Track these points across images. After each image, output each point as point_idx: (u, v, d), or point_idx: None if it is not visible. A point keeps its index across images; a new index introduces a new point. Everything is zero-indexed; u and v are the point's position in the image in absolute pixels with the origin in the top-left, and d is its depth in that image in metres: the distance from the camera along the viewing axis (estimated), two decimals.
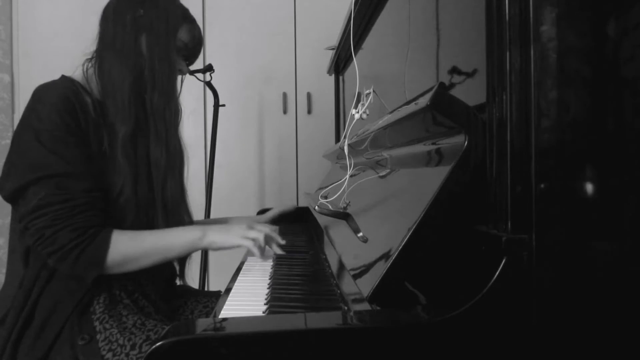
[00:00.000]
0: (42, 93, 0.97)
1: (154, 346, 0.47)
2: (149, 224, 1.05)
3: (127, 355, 0.90)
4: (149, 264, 0.99)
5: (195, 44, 1.12)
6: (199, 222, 1.24)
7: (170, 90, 1.06)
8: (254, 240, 1.03)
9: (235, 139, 2.55)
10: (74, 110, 0.95)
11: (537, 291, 0.51)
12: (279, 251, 1.08)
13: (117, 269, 0.96)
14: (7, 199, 0.96)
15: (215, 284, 2.51)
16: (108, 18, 1.05)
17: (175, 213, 1.08)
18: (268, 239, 1.07)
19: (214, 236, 1.02)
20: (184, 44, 1.09)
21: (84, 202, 0.93)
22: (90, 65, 1.05)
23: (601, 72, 0.53)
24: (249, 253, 1.08)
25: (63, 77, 1.03)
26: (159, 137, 1.05)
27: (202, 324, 0.52)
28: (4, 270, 1.05)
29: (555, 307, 0.51)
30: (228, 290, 0.89)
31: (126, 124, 1.00)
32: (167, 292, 1.16)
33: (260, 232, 1.05)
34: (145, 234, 0.99)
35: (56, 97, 0.95)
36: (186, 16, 1.09)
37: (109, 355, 0.90)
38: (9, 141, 2.54)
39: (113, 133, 0.99)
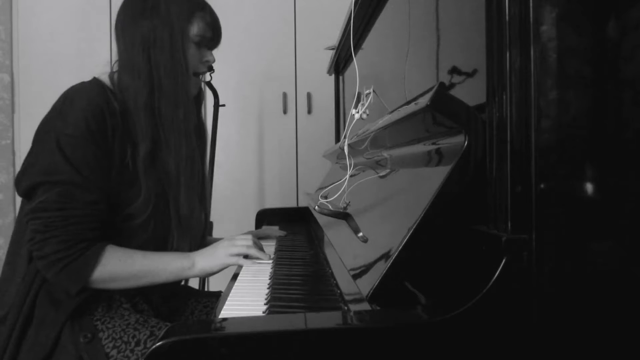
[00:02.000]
0: (73, 96, 0.96)
1: (154, 346, 0.47)
2: (164, 238, 1.04)
3: (132, 351, 0.90)
4: (135, 286, 0.98)
5: (213, 31, 1.08)
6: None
7: (179, 98, 1.02)
8: (239, 255, 1.04)
9: (235, 139, 2.55)
10: (102, 118, 0.94)
11: (537, 291, 0.51)
12: (265, 259, 1.07)
13: (102, 285, 0.95)
14: (22, 195, 0.96)
15: (215, 284, 2.50)
16: (118, 36, 1.04)
17: (190, 226, 1.06)
18: (255, 252, 1.06)
19: (202, 263, 1.01)
20: (201, 36, 1.05)
21: (82, 214, 0.91)
22: (116, 77, 1.04)
23: (601, 72, 0.53)
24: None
25: (95, 80, 1.01)
26: (169, 146, 1.02)
27: (202, 324, 0.52)
28: None
29: (555, 307, 0.51)
30: (228, 289, 0.89)
31: (144, 141, 0.98)
32: (169, 294, 1.16)
33: (244, 247, 1.05)
34: (136, 256, 0.97)
35: (87, 102, 0.94)
36: (193, 8, 1.05)
37: (114, 352, 0.90)
38: (9, 141, 2.54)
39: (136, 148, 0.99)
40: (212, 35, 1.09)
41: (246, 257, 1.07)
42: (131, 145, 0.99)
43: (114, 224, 0.98)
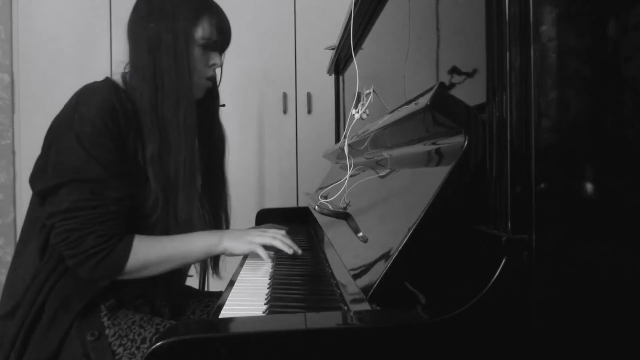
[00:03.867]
0: (86, 95, 0.97)
1: (154, 346, 0.47)
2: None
3: (137, 348, 0.90)
4: (167, 270, 1.00)
5: (220, 33, 1.07)
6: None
7: (180, 99, 1.02)
8: (264, 244, 1.05)
9: (235, 139, 2.54)
10: (116, 116, 0.95)
11: (537, 291, 0.51)
12: (290, 252, 1.08)
13: (136, 274, 0.97)
14: (38, 194, 0.97)
15: (215, 284, 2.50)
16: (129, 37, 1.05)
17: (188, 229, 1.05)
18: (281, 245, 1.07)
19: (228, 242, 1.03)
20: (207, 39, 1.05)
21: (114, 210, 0.94)
22: (128, 76, 1.05)
23: (601, 72, 0.53)
24: (255, 255, 1.08)
25: (107, 79, 1.03)
26: (169, 147, 1.02)
27: (202, 324, 0.52)
28: (4, 271, 1.04)
29: (555, 307, 0.51)
30: (228, 289, 0.89)
31: (151, 142, 0.99)
32: (173, 298, 1.16)
33: (270, 238, 1.06)
34: (164, 240, 0.99)
35: (101, 101, 0.95)
36: (200, 10, 1.04)
37: (120, 349, 0.90)
38: (9, 141, 2.54)
39: (145, 148, 1.00)
40: (219, 37, 1.08)
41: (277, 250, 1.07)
42: (142, 145, 1.00)
43: (132, 221, 0.99)
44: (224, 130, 1.25)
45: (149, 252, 0.96)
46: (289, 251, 1.07)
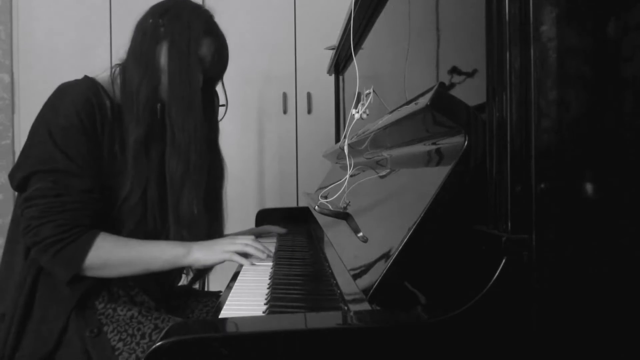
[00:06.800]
0: (64, 90, 0.99)
1: (153, 346, 0.47)
2: (156, 233, 1.04)
3: (137, 344, 0.90)
4: (128, 274, 0.98)
5: (214, 61, 1.09)
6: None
7: (191, 102, 1.03)
8: (236, 252, 1.03)
9: (235, 139, 2.55)
10: (92, 110, 0.96)
11: (537, 291, 0.51)
12: (264, 257, 1.06)
13: (95, 272, 0.95)
14: (15, 188, 0.98)
15: (215, 284, 2.50)
16: (137, 27, 1.06)
17: (191, 228, 1.05)
18: (254, 251, 1.06)
19: (197, 254, 1.01)
20: (201, 59, 1.06)
21: (78, 200, 0.93)
22: (118, 70, 1.05)
23: (601, 72, 0.53)
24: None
25: (86, 77, 1.03)
26: (176, 148, 1.02)
27: (202, 324, 0.52)
28: None
29: (555, 308, 0.51)
30: (228, 289, 0.89)
31: (138, 128, 0.99)
32: (168, 290, 1.16)
33: (242, 245, 1.05)
34: (131, 243, 0.98)
35: (77, 95, 0.96)
36: (207, 30, 1.07)
37: (120, 344, 0.90)
38: (9, 141, 2.54)
39: (126, 137, 1.00)
40: (212, 64, 1.09)
41: (247, 256, 1.06)
42: (120, 140, 1.00)
43: (105, 213, 0.99)
44: (223, 160, 1.25)
45: (112, 251, 0.95)
46: (263, 256, 1.06)
